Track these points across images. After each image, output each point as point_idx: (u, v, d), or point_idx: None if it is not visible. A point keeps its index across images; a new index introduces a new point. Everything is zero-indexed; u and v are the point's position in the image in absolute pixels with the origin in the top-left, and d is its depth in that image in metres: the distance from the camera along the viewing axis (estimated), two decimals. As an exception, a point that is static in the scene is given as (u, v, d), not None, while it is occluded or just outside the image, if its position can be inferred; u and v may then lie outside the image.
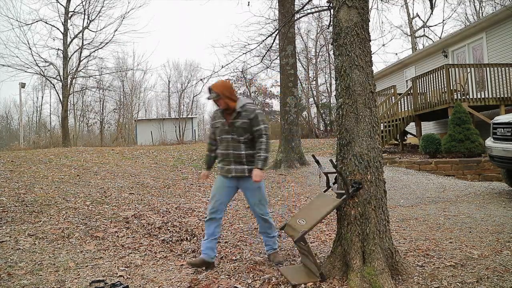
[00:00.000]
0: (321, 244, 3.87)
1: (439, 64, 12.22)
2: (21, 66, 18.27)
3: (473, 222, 4.44)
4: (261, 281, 2.86)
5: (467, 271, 2.86)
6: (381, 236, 2.78)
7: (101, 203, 5.24)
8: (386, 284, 2.57)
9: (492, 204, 5.58)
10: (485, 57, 11.34)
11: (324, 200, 2.97)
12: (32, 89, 41.11)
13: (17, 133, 30.33)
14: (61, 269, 3.15)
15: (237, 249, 3.74)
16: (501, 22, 10.65)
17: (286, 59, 10.05)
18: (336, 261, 2.84)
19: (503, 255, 3.17)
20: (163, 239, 4.03)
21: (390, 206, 5.29)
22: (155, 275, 3.10)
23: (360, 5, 2.92)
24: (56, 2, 18.75)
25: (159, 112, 42.13)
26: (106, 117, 33.94)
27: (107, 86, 26.23)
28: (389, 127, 11.25)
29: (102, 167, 8.29)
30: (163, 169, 8.92)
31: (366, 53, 2.93)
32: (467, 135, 8.42)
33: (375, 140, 2.87)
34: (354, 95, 2.86)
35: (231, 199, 3.43)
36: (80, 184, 6.35)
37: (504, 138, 5.84)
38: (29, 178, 6.50)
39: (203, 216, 4.98)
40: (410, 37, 24.73)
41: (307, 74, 26.54)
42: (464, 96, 9.95)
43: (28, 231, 3.96)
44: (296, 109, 10.06)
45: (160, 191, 6.56)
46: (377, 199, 2.82)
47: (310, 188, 7.24)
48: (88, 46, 19.86)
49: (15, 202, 4.88)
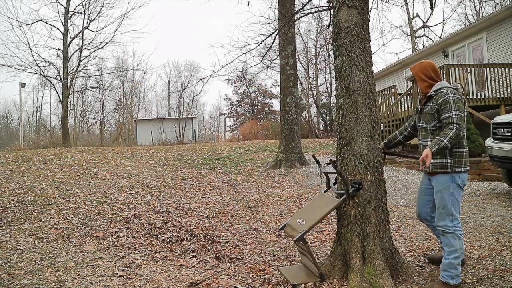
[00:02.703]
0: (321, 244, 3.87)
1: (439, 64, 12.21)
2: (21, 66, 18.26)
3: (473, 222, 4.44)
4: (261, 281, 2.86)
5: (467, 271, 2.86)
6: (381, 236, 2.78)
7: (101, 203, 5.24)
8: (386, 284, 2.57)
9: (492, 204, 5.58)
10: (485, 57, 11.34)
11: (324, 200, 2.97)
12: (32, 89, 41.10)
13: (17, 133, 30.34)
14: (61, 269, 3.15)
15: (237, 249, 3.74)
16: (501, 22, 10.65)
17: (286, 59, 10.05)
18: (336, 261, 2.84)
19: (503, 255, 3.17)
20: (163, 239, 4.03)
21: (390, 206, 5.28)
22: (155, 275, 3.10)
23: (360, 5, 2.92)
24: (56, 2, 18.74)
25: (159, 112, 42.18)
26: (106, 117, 33.97)
27: (107, 86, 26.23)
28: (389, 127, 11.24)
29: (102, 167, 8.29)
30: (163, 169, 8.92)
31: (366, 53, 2.93)
32: (467, 135, 8.35)
33: (375, 140, 2.88)
34: (354, 95, 2.86)
35: (432, 201, 2.85)
36: (80, 184, 6.35)
37: (504, 138, 5.84)
38: (29, 178, 6.50)
39: (203, 216, 4.99)
40: (410, 37, 24.72)
41: (307, 74, 26.54)
42: (464, 96, 9.94)
43: (28, 231, 3.96)
44: (296, 109, 10.06)
45: (160, 191, 6.56)
46: (377, 199, 2.82)
47: (310, 188, 7.23)
48: (88, 46, 19.86)
49: (15, 202, 4.88)
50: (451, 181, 2.62)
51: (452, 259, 2.58)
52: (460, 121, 2.57)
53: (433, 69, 2.82)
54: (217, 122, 48.40)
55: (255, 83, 35.84)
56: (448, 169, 2.62)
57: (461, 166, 2.62)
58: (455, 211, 2.62)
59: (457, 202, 2.63)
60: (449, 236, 2.61)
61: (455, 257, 2.57)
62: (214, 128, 48.70)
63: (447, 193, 2.62)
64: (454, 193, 2.61)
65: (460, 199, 2.64)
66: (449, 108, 2.60)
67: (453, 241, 2.59)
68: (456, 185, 2.62)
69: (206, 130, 46.93)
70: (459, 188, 2.63)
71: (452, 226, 2.61)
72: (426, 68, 2.82)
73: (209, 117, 49.46)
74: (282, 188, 7.31)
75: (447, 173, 2.63)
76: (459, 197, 2.63)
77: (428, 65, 2.84)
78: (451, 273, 2.56)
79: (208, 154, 11.64)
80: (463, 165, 2.62)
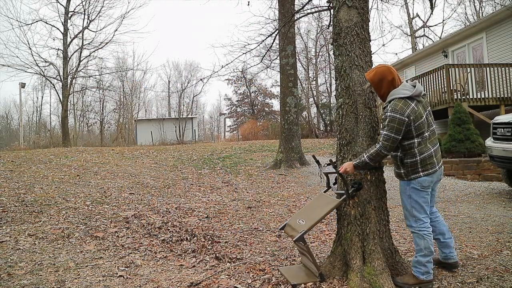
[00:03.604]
0: (321, 244, 3.87)
1: (439, 64, 12.21)
2: (21, 66, 18.27)
3: (473, 222, 4.44)
4: (261, 281, 2.86)
5: (467, 271, 2.86)
6: (381, 236, 2.79)
7: (101, 203, 5.24)
8: (386, 284, 2.57)
9: (492, 204, 5.58)
10: (485, 57, 11.34)
11: (324, 200, 2.97)
12: (32, 89, 41.09)
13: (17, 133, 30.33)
14: (61, 269, 3.15)
15: (237, 249, 3.74)
16: (501, 22, 10.64)
17: (286, 59, 10.05)
18: (336, 261, 2.84)
19: (503, 255, 3.17)
20: (163, 239, 4.03)
21: (390, 206, 5.28)
22: (155, 275, 3.10)
23: (360, 5, 2.92)
24: (56, 2, 18.75)
25: (159, 112, 42.18)
26: (106, 117, 33.96)
27: (107, 86, 26.24)
28: (389, 127, 11.23)
29: (102, 167, 8.29)
30: (163, 169, 8.93)
31: (366, 53, 2.93)
32: (467, 135, 8.42)
33: (375, 140, 2.87)
34: (354, 95, 2.86)
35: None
36: (80, 184, 6.35)
37: (504, 138, 5.84)
38: (29, 178, 6.50)
39: (203, 216, 4.99)
40: (410, 37, 24.72)
41: (307, 74, 26.55)
42: (464, 96, 9.94)
43: (28, 231, 3.96)
44: (296, 109, 10.06)
45: (160, 191, 6.56)
46: (377, 199, 2.82)
47: (310, 188, 7.23)
48: (88, 46, 19.87)
49: (15, 202, 4.88)
50: (407, 185, 2.71)
51: (419, 257, 2.67)
52: (387, 141, 2.56)
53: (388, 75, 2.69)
54: (217, 122, 48.45)
55: (255, 83, 35.85)
56: (404, 178, 2.73)
57: (416, 173, 2.65)
58: (417, 212, 2.67)
59: (417, 204, 2.68)
60: (414, 236, 2.72)
61: (422, 255, 2.65)
62: (214, 128, 48.75)
63: (405, 196, 2.73)
64: (412, 195, 2.69)
65: (421, 200, 2.67)
66: (383, 126, 2.63)
67: (418, 240, 2.68)
68: (412, 188, 2.68)
69: (206, 130, 46.95)
70: (416, 190, 2.67)
71: (416, 226, 2.69)
72: (382, 74, 2.68)
73: (209, 117, 49.53)
74: (282, 188, 7.31)
75: (404, 180, 2.74)
76: (419, 199, 2.67)
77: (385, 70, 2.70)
78: (420, 269, 2.66)
79: (208, 154, 11.64)
80: (420, 170, 2.64)
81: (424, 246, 2.63)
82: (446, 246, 2.87)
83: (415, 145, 2.62)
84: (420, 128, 2.60)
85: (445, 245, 2.88)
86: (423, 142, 2.63)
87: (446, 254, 2.88)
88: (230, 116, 39.93)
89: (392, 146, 2.59)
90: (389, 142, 2.57)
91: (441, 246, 2.89)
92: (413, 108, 2.57)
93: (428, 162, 2.64)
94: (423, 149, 2.63)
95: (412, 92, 2.60)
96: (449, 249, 2.87)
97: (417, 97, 2.62)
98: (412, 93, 2.60)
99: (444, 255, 2.90)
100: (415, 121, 2.57)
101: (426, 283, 2.65)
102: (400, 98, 2.59)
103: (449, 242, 2.88)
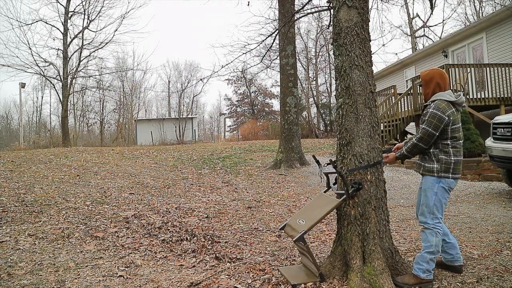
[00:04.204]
0: (321, 244, 3.88)
1: (439, 64, 12.22)
2: (21, 66, 18.26)
3: (473, 222, 4.44)
4: (261, 281, 2.86)
5: (467, 271, 2.86)
6: (381, 236, 2.78)
7: (101, 203, 5.24)
8: (386, 284, 2.57)
9: (492, 204, 5.58)
10: (485, 57, 11.34)
11: (324, 200, 2.97)
12: (32, 89, 41.06)
13: (17, 133, 30.33)
14: (61, 269, 3.15)
15: (237, 249, 3.74)
16: (501, 22, 10.64)
17: (286, 59, 10.05)
18: (336, 261, 2.84)
19: (503, 255, 3.17)
20: (163, 239, 4.03)
21: (390, 206, 5.29)
22: (155, 275, 3.10)
23: (360, 5, 2.92)
24: (56, 2, 18.75)
25: (159, 112, 42.17)
26: (106, 117, 33.97)
27: (107, 86, 26.24)
28: (389, 127, 11.25)
29: (102, 167, 8.29)
30: (163, 169, 8.93)
31: (366, 53, 2.93)
32: (467, 135, 8.41)
33: (375, 140, 2.88)
34: (354, 95, 2.86)
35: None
36: (80, 184, 6.35)
37: (504, 138, 5.84)
38: (29, 178, 6.50)
39: (203, 216, 4.99)
40: (410, 37, 24.72)
41: (307, 74, 26.55)
42: (464, 96, 9.95)
43: (28, 231, 3.96)
44: (296, 109, 10.06)
45: (160, 191, 6.56)
46: (377, 199, 2.82)
47: (310, 188, 7.23)
48: (88, 46, 19.87)
49: (15, 202, 4.88)
50: (437, 182, 2.73)
51: (425, 252, 2.69)
52: (424, 134, 2.71)
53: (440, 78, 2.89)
54: (217, 122, 48.45)
55: (255, 83, 35.86)
56: (434, 174, 2.74)
57: (448, 173, 2.72)
58: (437, 211, 2.72)
59: (440, 203, 2.72)
60: (427, 232, 2.72)
61: (429, 251, 2.68)
62: (214, 128, 48.75)
63: (431, 192, 2.74)
64: (438, 193, 2.72)
65: (444, 201, 2.73)
66: (422, 121, 2.77)
67: (430, 237, 2.70)
68: (441, 187, 2.72)
69: (206, 130, 46.96)
70: (444, 190, 2.72)
71: (431, 223, 2.71)
72: (434, 76, 2.90)
73: (209, 117, 49.53)
74: (282, 188, 7.31)
75: (434, 176, 2.75)
76: (443, 199, 2.72)
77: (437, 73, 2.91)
78: (422, 266, 2.66)
79: (208, 154, 11.64)
80: (451, 172, 2.71)
81: (436, 243, 2.67)
82: (452, 247, 2.87)
83: (449, 146, 2.74)
84: (455, 132, 2.73)
85: (451, 246, 2.87)
86: (457, 146, 2.75)
87: (453, 256, 2.88)
88: (230, 116, 39.94)
89: (428, 140, 2.71)
90: (426, 135, 2.70)
91: (447, 247, 2.89)
92: (453, 111, 2.74)
93: (458, 167, 2.75)
94: (457, 153, 2.76)
95: (456, 99, 2.78)
96: (456, 250, 2.88)
97: (458, 105, 2.80)
98: (455, 100, 2.77)
99: (450, 257, 2.89)
100: (453, 124, 2.72)
101: (426, 282, 2.64)
102: (444, 100, 2.76)
103: (455, 243, 2.89)
